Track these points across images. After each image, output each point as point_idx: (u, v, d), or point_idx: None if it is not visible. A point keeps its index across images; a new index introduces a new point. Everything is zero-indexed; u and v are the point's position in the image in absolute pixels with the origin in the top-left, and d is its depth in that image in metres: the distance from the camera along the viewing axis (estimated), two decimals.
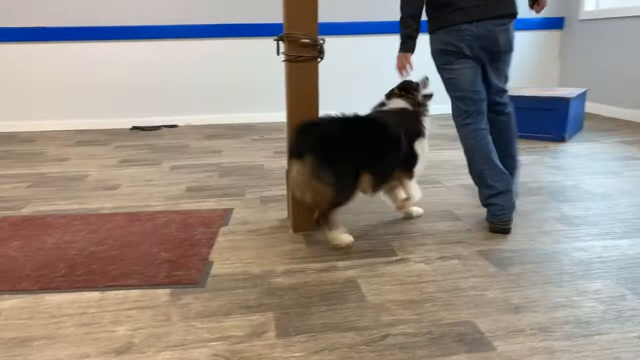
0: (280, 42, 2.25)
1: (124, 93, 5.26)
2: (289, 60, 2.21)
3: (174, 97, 5.32)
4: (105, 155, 4.03)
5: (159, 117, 5.34)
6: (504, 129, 2.42)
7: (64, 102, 5.21)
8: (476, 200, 2.47)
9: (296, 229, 2.32)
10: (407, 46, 2.30)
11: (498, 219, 2.24)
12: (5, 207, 2.76)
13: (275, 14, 5.14)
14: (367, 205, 2.64)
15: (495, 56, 2.28)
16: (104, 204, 2.80)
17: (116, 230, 2.37)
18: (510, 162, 2.39)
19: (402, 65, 2.35)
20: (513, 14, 2.26)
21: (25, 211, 2.70)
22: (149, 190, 3.05)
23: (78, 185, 3.17)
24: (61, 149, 4.31)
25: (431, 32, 2.30)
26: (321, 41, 2.21)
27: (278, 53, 2.28)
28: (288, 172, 2.29)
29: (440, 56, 2.29)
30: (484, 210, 2.33)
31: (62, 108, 5.22)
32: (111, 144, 4.47)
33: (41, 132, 5.11)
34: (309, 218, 2.29)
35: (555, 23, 5.69)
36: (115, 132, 5.06)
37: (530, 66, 5.77)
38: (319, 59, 2.24)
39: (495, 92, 2.36)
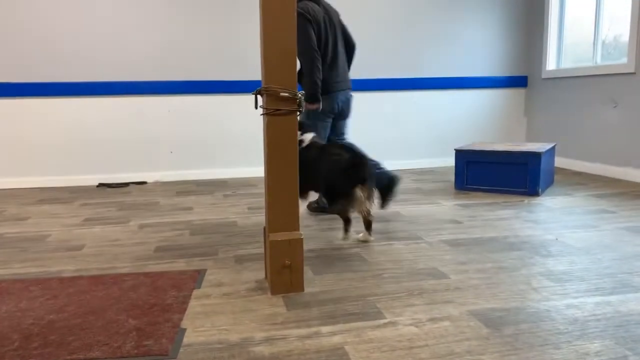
0: (259, 96, 2.20)
1: (90, 149, 5.11)
2: (268, 113, 2.15)
3: (142, 153, 5.20)
4: (69, 213, 3.82)
5: (126, 174, 5.18)
6: None
7: (26, 159, 5.01)
8: (461, 256, 2.39)
9: (275, 290, 2.18)
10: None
11: None
12: None
13: (245, 71, 5.20)
14: (348, 266, 2.53)
15: None
16: (66, 266, 2.60)
17: (79, 296, 2.18)
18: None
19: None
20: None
21: None
22: (115, 250, 2.87)
23: (38, 247, 2.96)
24: (21, 207, 4.08)
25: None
26: (300, 95, 2.17)
27: (256, 107, 2.22)
28: (348, 195, 2.81)
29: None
30: (471, 267, 2.25)
31: (23, 165, 5.01)
32: (75, 202, 4.27)
33: (0, 189, 4.87)
34: (289, 278, 2.17)
35: (519, 81, 5.90)
36: (81, 189, 4.86)
37: (498, 123, 5.93)
38: (298, 112, 2.19)
39: None
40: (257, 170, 5.31)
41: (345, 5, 5.37)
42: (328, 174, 2.91)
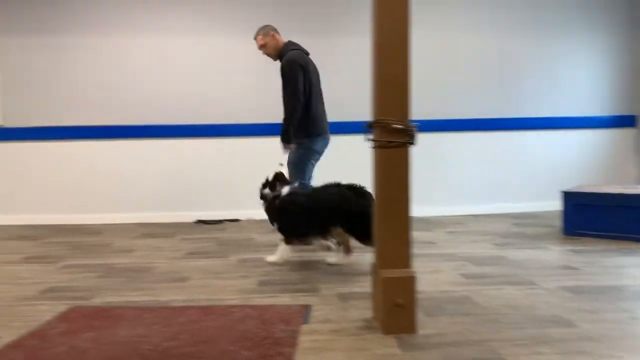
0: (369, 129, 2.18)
1: (188, 187, 5.34)
2: (380, 146, 2.12)
3: (237, 191, 5.35)
4: (171, 247, 3.97)
5: (221, 211, 5.35)
6: None
7: (128, 196, 5.32)
8: (587, 304, 2.17)
9: (387, 330, 2.08)
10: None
11: None
12: (76, 297, 2.67)
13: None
14: (459, 308, 2.39)
15: None
16: (175, 296, 2.66)
17: (190, 325, 2.20)
18: None
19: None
20: None
21: (96, 301, 2.59)
22: (219, 283, 2.91)
23: (146, 277, 3.07)
24: (127, 240, 4.30)
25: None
26: (413, 127, 2.12)
27: (367, 139, 2.20)
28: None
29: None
30: (602, 316, 2.03)
31: (127, 202, 5.32)
32: (176, 236, 4.44)
33: (106, 224, 5.19)
34: (401, 317, 2.06)
35: (627, 121, 5.52)
36: (180, 225, 5.06)
37: (604, 164, 5.55)
38: (410, 145, 2.14)
39: None
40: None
41: (444, 45, 5.37)
42: (359, 212, 3.01)
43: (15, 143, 5.30)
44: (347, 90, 5.03)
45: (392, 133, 2.10)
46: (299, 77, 3.58)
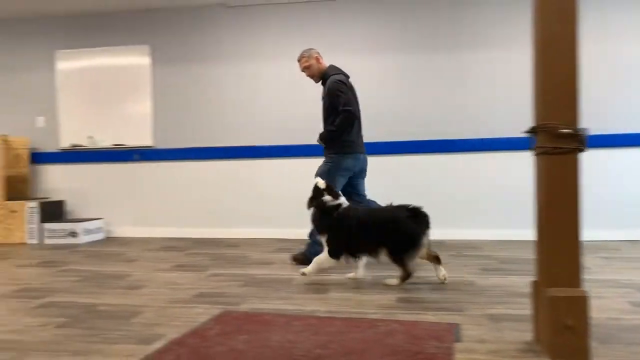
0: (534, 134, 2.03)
1: None
2: (545, 152, 1.96)
3: None
4: None
5: None
6: None
7: (264, 213, 5.54)
8: None
9: (554, 354, 1.88)
10: None
11: None
12: (225, 302, 2.79)
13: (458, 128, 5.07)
14: (637, 337, 2.10)
15: None
16: (318, 307, 2.67)
17: (338, 335, 2.18)
18: None
19: None
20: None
21: (245, 307, 2.69)
22: (359, 297, 2.88)
23: (287, 287, 3.13)
24: (263, 254, 4.46)
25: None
26: (582, 132, 1.93)
27: (529, 147, 2.05)
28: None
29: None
30: None
31: (262, 218, 5.54)
32: None
33: (242, 239, 5.44)
34: (571, 341, 1.85)
35: None
36: None
37: None
38: (579, 151, 1.95)
39: None
40: (470, 232, 5.04)
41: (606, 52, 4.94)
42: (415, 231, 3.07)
43: (163, 163, 5.81)
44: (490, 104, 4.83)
45: (559, 138, 1.93)
46: (347, 94, 3.74)
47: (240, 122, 5.64)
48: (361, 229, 3.15)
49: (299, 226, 5.41)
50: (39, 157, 6.00)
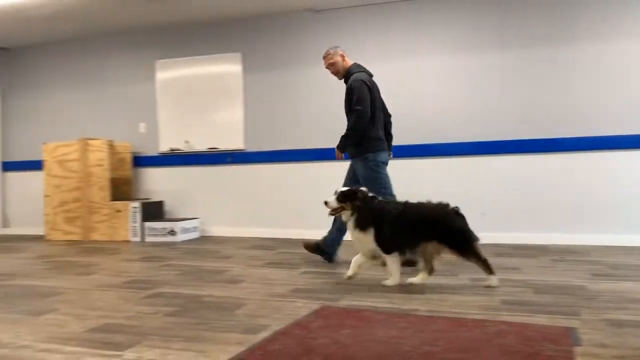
0: None
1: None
2: None
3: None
4: None
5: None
6: None
7: None
8: None
9: None
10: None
11: None
12: (323, 298, 2.81)
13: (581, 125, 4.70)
14: None
15: None
16: (418, 306, 2.61)
17: (443, 334, 2.11)
18: None
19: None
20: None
21: (343, 303, 2.69)
22: (458, 298, 2.78)
23: (382, 287, 3.09)
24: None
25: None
26: None
27: None
28: None
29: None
30: None
31: None
32: None
33: None
34: None
35: None
36: None
37: None
38: None
39: None
40: (573, 237, 4.74)
41: None
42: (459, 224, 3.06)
43: (253, 165, 5.99)
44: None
45: None
46: (367, 95, 3.75)
47: (328, 126, 5.69)
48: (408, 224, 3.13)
49: None
50: (140, 161, 6.41)
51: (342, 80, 4.04)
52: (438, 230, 3.03)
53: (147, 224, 5.79)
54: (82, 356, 1.98)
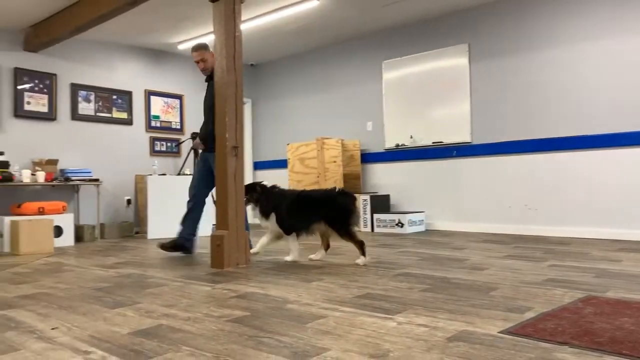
0: None
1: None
2: None
3: None
4: None
5: None
6: None
7: (599, 210, 5.02)
8: None
9: None
10: None
11: None
12: (584, 288, 2.63)
13: None
14: None
15: None
16: None
17: None
18: None
19: None
20: None
21: (610, 294, 2.48)
22: None
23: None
24: (605, 252, 4.04)
25: None
26: None
27: None
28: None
29: None
30: None
31: (596, 215, 5.04)
32: None
33: (571, 237, 5.05)
34: None
35: None
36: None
37: None
38: None
39: None
40: None
41: None
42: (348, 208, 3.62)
43: (479, 158, 5.87)
44: None
45: None
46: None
47: (560, 112, 5.28)
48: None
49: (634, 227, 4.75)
50: (368, 157, 6.83)
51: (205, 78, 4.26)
52: (322, 212, 3.61)
53: (376, 216, 6.14)
54: (359, 315, 2.22)
